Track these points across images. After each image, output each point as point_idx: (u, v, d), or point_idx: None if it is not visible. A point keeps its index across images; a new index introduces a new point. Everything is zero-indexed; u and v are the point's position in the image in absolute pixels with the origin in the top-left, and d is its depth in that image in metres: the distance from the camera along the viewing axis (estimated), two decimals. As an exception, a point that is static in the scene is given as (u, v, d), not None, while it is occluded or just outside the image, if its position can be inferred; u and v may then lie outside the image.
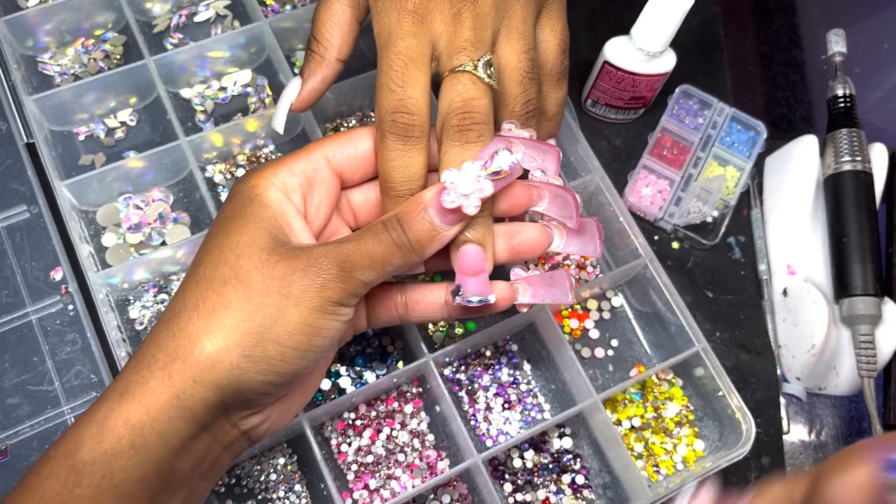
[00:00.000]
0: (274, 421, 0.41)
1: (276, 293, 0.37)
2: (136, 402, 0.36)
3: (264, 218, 0.39)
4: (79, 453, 0.35)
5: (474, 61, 0.41)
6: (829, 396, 0.62)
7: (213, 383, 0.36)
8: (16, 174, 0.58)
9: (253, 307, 0.37)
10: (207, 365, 0.36)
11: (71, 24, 0.61)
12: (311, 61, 0.46)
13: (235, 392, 0.37)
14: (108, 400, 0.36)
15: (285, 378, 0.38)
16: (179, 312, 0.38)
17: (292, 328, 0.37)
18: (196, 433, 0.37)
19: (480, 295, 0.41)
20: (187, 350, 0.36)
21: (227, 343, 0.36)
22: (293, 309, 0.37)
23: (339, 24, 0.45)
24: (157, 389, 0.36)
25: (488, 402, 0.55)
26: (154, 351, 0.37)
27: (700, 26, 0.71)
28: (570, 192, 0.42)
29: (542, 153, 0.44)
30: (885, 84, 0.73)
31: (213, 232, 0.40)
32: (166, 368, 0.36)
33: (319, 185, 0.42)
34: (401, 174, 0.41)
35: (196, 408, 0.36)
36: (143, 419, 0.36)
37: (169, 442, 0.36)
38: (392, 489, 0.52)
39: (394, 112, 0.40)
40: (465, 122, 0.40)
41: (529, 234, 0.43)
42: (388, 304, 0.44)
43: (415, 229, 0.39)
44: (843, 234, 0.58)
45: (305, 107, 0.47)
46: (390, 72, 0.40)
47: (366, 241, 0.39)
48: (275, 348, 0.37)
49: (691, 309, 0.56)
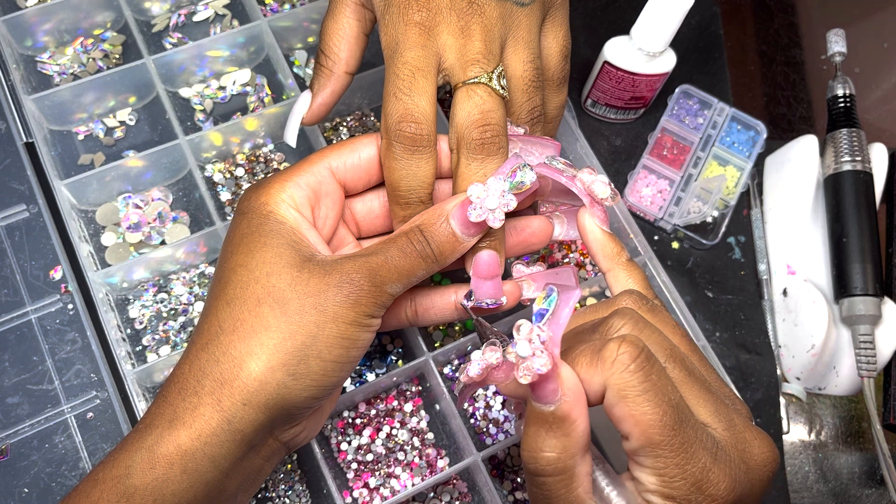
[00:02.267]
0: (311, 429, 0.42)
1: (312, 310, 0.37)
2: (186, 429, 0.36)
3: (283, 234, 0.39)
4: (130, 479, 0.36)
5: (489, 73, 0.41)
6: (829, 396, 0.62)
7: (261, 404, 0.37)
8: (15, 174, 0.58)
9: (292, 326, 0.37)
10: (255, 387, 0.37)
11: (70, 23, 0.61)
12: (321, 75, 0.47)
13: (282, 410, 0.38)
14: (157, 427, 0.37)
15: (327, 391, 0.39)
16: (218, 336, 0.38)
17: (332, 343, 0.38)
18: (245, 453, 0.38)
19: (494, 297, 0.43)
20: (233, 374, 0.37)
21: (271, 363, 0.37)
22: (331, 325, 0.37)
23: (347, 37, 0.46)
24: (207, 415, 0.36)
25: (488, 400, 0.55)
26: (199, 377, 0.37)
27: (700, 26, 0.71)
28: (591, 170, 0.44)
29: (543, 148, 0.44)
30: (885, 84, 0.73)
31: (232, 250, 0.40)
32: (215, 394, 0.37)
33: (325, 197, 0.43)
34: (408, 183, 0.42)
35: (246, 430, 0.37)
36: (194, 445, 0.36)
37: (220, 465, 0.37)
38: (392, 487, 0.52)
39: (400, 121, 0.40)
40: (485, 135, 0.41)
41: (535, 227, 0.45)
42: (398, 310, 0.45)
43: (438, 240, 0.40)
44: (842, 234, 0.58)
45: (316, 120, 0.48)
46: (397, 81, 0.41)
47: (392, 254, 0.39)
48: (317, 364, 0.37)
49: (691, 309, 0.56)
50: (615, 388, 0.31)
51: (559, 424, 0.32)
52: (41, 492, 0.51)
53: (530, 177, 0.40)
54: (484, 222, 0.39)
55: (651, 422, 0.31)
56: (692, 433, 0.31)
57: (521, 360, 0.31)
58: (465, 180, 0.41)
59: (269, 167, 0.60)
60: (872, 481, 0.60)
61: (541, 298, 0.33)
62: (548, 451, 0.32)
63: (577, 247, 0.60)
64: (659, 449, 0.31)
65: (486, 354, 0.36)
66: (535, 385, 0.32)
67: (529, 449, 0.33)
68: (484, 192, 0.39)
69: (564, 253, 0.60)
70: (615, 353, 0.31)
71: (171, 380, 0.38)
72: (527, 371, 0.31)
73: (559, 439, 0.32)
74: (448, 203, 0.41)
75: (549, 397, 0.32)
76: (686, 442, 0.31)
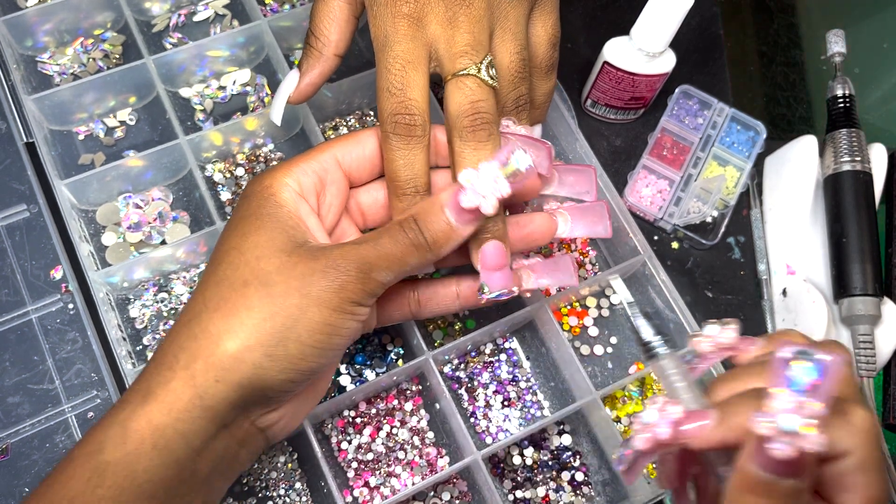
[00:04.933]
0: (289, 419, 0.42)
1: (296, 293, 0.38)
2: (158, 403, 0.36)
3: (280, 218, 0.40)
4: (102, 454, 0.36)
5: (477, 64, 0.42)
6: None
7: (235, 382, 0.37)
8: (15, 173, 0.58)
9: (274, 307, 0.37)
10: (230, 364, 0.37)
11: (70, 23, 0.61)
12: (310, 56, 0.48)
13: (256, 390, 0.38)
14: (131, 402, 0.37)
15: (304, 375, 0.39)
16: (200, 313, 0.38)
17: (313, 327, 0.38)
18: (217, 432, 0.38)
19: (505, 288, 0.43)
20: (209, 350, 0.37)
21: (249, 342, 0.37)
22: (314, 309, 0.38)
23: (336, 20, 0.46)
24: (179, 390, 0.36)
25: (488, 399, 0.55)
26: (175, 352, 0.37)
27: (700, 26, 0.71)
28: (591, 168, 0.46)
29: (535, 149, 0.45)
30: (884, 84, 0.73)
31: (230, 232, 0.40)
32: (189, 368, 0.37)
33: (331, 186, 0.43)
34: (406, 172, 0.42)
35: (218, 407, 0.37)
36: (165, 420, 0.36)
37: (191, 442, 0.37)
38: (392, 486, 0.52)
39: (395, 114, 0.41)
40: (476, 122, 0.41)
41: (538, 223, 0.45)
42: (401, 301, 0.45)
43: (432, 229, 0.40)
44: (842, 235, 0.58)
45: (302, 99, 0.48)
46: (389, 75, 0.42)
47: (383, 242, 0.39)
48: (296, 347, 0.37)
49: (691, 309, 0.56)
50: (860, 458, 0.30)
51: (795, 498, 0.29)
52: (42, 491, 0.51)
53: (525, 162, 0.39)
54: (478, 209, 0.39)
55: (877, 500, 0.31)
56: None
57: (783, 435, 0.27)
58: (459, 168, 0.42)
59: (269, 167, 0.60)
60: (872, 481, 0.60)
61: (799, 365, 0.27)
62: None
63: (576, 246, 0.60)
64: None
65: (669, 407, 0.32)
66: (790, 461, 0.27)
67: None
68: (475, 176, 0.39)
69: (564, 252, 0.60)
70: (868, 424, 0.30)
71: (152, 357, 0.39)
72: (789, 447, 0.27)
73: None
74: (443, 193, 0.41)
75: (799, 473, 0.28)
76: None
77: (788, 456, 0.27)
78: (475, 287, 0.45)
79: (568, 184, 0.47)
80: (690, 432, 0.32)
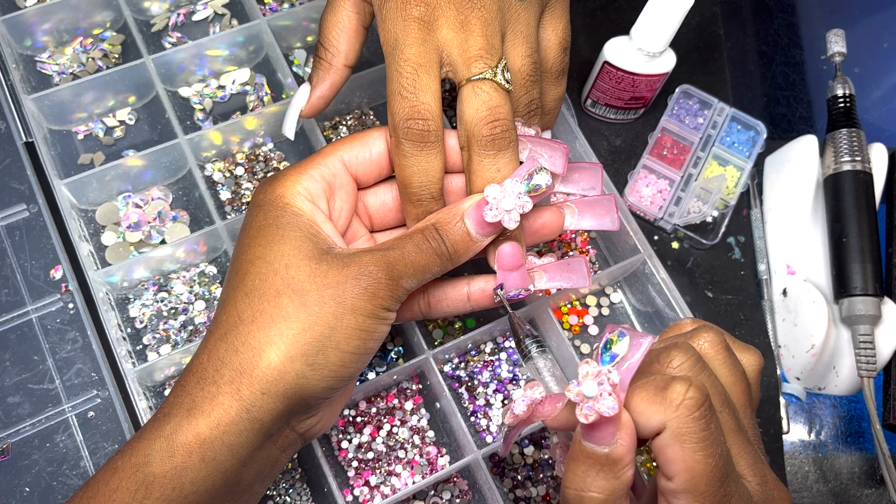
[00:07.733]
0: (326, 420, 0.43)
1: (331, 301, 0.38)
2: (205, 417, 0.36)
3: (301, 226, 0.40)
4: (149, 467, 0.36)
5: (493, 68, 0.41)
6: (829, 396, 0.62)
7: (280, 394, 0.37)
8: (15, 173, 0.58)
9: (311, 316, 0.38)
10: (274, 376, 0.37)
11: (69, 23, 0.61)
12: (320, 68, 0.47)
13: (300, 399, 0.38)
14: (175, 415, 0.37)
15: (343, 382, 0.39)
16: (237, 326, 0.38)
17: (350, 334, 0.38)
18: (262, 443, 0.38)
19: (522, 287, 0.44)
20: (252, 363, 0.37)
21: (290, 353, 0.37)
22: (349, 316, 0.38)
23: (346, 30, 0.46)
24: (226, 404, 0.37)
25: (488, 398, 0.55)
26: (217, 366, 0.38)
27: (700, 26, 0.71)
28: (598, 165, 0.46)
29: (551, 150, 0.45)
30: (885, 84, 0.73)
31: (249, 242, 0.40)
32: (234, 383, 0.37)
33: (340, 189, 0.43)
34: (419, 179, 0.42)
35: (265, 419, 0.37)
36: (213, 433, 0.36)
37: (238, 453, 0.37)
38: (392, 485, 0.52)
39: (408, 119, 0.41)
40: (495, 130, 0.41)
41: (546, 217, 0.45)
42: (412, 302, 0.45)
43: (452, 239, 0.41)
44: (842, 234, 0.58)
45: (315, 112, 0.48)
46: (401, 79, 0.41)
47: (409, 250, 0.40)
48: (335, 355, 0.38)
49: (691, 309, 0.56)
50: (674, 431, 0.30)
51: (611, 467, 0.31)
52: (42, 491, 0.51)
53: (546, 179, 0.40)
54: (499, 223, 0.40)
55: (702, 471, 0.30)
56: (734, 487, 0.31)
57: (586, 399, 0.30)
58: (478, 177, 0.42)
59: (268, 166, 0.60)
60: (872, 481, 0.60)
61: (614, 340, 0.32)
62: (595, 492, 0.31)
63: (576, 245, 0.60)
64: (701, 498, 0.30)
65: (529, 391, 0.35)
66: (593, 425, 0.31)
67: (575, 487, 0.32)
68: (501, 193, 0.40)
69: (564, 251, 0.60)
70: (682, 396, 0.30)
71: (188, 370, 0.39)
72: (590, 411, 0.30)
73: (609, 482, 0.31)
74: (464, 203, 0.41)
75: (606, 439, 0.31)
76: (727, 495, 0.30)
77: (592, 419, 0.30)
78: (486, 288, 0.45)
79: (574, 180, 0.47)
80: (544, 412, 0.36)
